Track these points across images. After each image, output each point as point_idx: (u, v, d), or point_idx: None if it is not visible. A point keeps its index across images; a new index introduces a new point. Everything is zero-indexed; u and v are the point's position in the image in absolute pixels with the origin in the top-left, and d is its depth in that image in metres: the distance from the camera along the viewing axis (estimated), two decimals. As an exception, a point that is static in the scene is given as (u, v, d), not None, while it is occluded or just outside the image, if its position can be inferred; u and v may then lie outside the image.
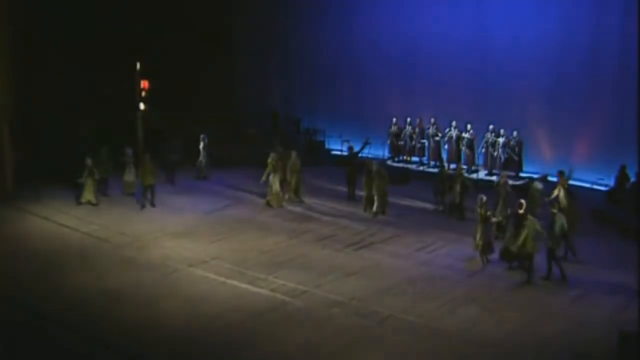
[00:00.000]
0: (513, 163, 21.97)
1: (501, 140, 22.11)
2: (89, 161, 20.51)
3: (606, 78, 21.32)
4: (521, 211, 15.29)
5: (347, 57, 27.02)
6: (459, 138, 23.13)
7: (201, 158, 23.49)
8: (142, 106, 24.79)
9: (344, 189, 21.53)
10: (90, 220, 19.50)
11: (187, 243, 17.77)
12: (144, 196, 20.51)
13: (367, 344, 12.64)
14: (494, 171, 22.37)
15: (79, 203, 20.59)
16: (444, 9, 24.46)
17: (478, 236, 16.18)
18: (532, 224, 14.95)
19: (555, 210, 15.37)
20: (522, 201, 15.55)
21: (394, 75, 26.03)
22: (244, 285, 15.20)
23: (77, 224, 19.26)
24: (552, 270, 15.17)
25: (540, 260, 15.31)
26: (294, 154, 21.15)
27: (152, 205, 20.47)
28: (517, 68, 22.71)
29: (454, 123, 23.27)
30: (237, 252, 17.15)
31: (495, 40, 23.28)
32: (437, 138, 23.74)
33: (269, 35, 28.59)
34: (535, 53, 22.44)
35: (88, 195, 20.61)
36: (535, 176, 22.10)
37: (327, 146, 27.22)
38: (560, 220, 15.16)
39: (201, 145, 23.45)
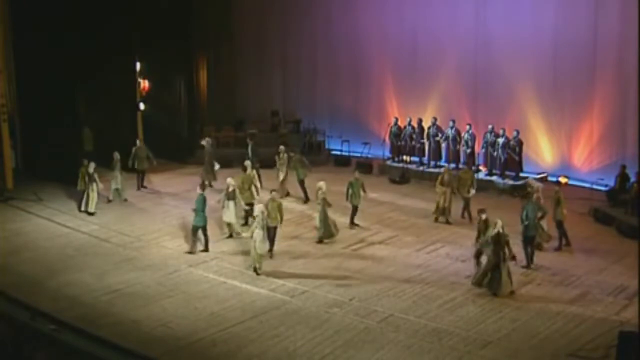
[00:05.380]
0: (513, 163, 21.96)
1: (501, 140, 22.10)
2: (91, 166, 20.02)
3: (606, 78, 21.32)
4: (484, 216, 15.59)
5: (347, 57, 27.05)
6: (456, 138, 23.09)
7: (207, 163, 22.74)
8: (142, 106, 24.83)
9: (342, 188, 21.18)
10: (91, 220, 19.50)
11: (188, 243, 17.76)
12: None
13: (367, 344, 12.65)
14: (494, 171, 22.37)
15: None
16: (445, 9, 24.47)
17: None
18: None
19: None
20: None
21: (394, 75, 26.06)
22: (244, 285, 15.22)
23: (77, 223, 19.27)
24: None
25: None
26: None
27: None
28: (517, 68, 22.70)
29: (451, 123, 23.27)
30: (237, 252, 17.16)
31: (495, 40, 23.27)
32: (437, 138, 23.72)
33: (269, 35, 28.60)
34: (535, 53, 22.44)
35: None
36: (535, 176, 22.16)
37: (327, 146, 27.25)
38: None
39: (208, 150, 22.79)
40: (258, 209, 15.92)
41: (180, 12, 25.67)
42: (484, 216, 15.69)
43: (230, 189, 17.87)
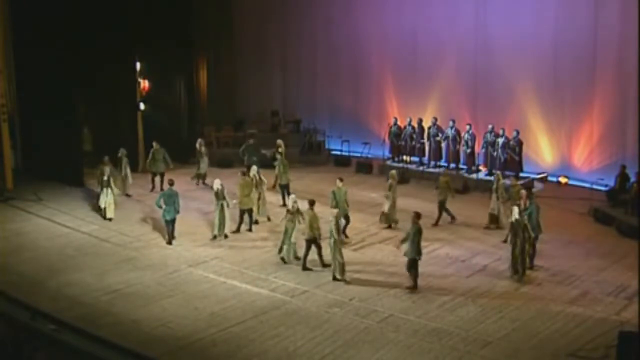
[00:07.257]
0: (513, 163, 21.96)
1: (501, 140, 22.10)
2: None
3: (606, 78, 21.33)
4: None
5: (347, 57, 27.06)
6: (456, 138, 23.08)
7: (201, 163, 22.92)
8: (142, 106, 24.83)
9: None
10: (91, 220, 19.51)
11: (187, 243, 17.78)
12: None
13: (367, 344, 12.65)
14: (494, 171, 22.34)
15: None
16: (445, 9, 24.48)
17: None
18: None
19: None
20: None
21: (394, 75, 26.06)
22: (244, 285, 15.22)
23: (77, 224, 19.27)
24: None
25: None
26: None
27: None
28: (517, 68, 22.72)
29: (450, 123, 23.26)
30: (237, 252, 17.17)
31: (495, 40, 23.29)
32: (437, 138, 23.71)
33: (269, 35, 28.60)
34: (535, 53, 22.46)
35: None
36: (535, 176, 22.19)
37: (327, 146, 27.25)
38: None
39: (202, 150, 22.93)
40: (332, 214, 15.57)
41: (180, 12, 25.64)
42: (419, 221, 14.92)
43: (215, 190, 18.09)
